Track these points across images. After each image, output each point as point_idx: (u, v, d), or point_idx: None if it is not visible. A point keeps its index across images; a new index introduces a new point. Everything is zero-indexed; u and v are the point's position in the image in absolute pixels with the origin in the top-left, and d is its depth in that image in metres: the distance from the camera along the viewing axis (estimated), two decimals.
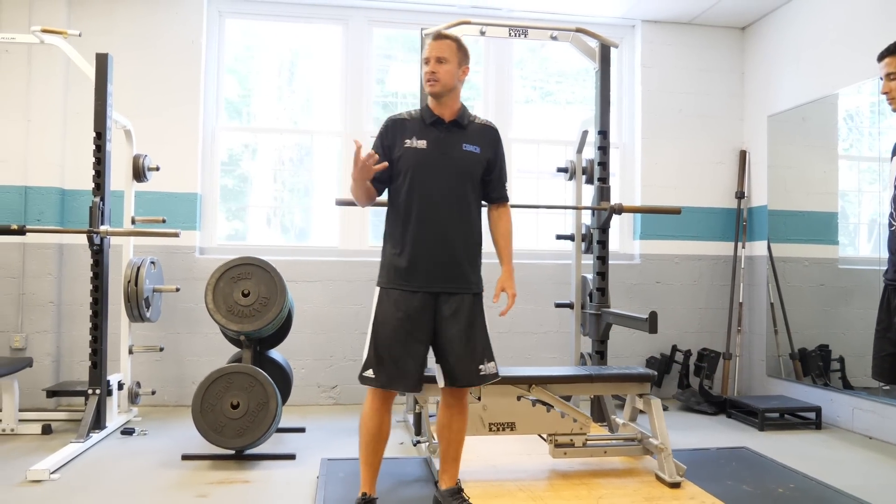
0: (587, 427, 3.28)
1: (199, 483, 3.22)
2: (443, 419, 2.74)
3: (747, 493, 3.05)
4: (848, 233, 4.95)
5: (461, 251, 2.65)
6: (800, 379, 4.92)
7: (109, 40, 4.70)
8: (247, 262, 3.77)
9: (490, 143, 2.75)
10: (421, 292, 2.59)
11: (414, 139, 2.63)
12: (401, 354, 2.55)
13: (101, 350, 3.89)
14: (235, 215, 5.30)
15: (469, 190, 2.68)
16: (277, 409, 3.52)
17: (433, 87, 2.62)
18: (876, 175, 4.66)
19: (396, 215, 2.66)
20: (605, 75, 4.25)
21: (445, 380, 2.66)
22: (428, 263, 2.59)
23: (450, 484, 2.74)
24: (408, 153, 2.62)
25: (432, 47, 2.63)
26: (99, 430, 3.87)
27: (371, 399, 2.63)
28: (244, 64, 5.36)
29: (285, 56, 5.46)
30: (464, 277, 2.65)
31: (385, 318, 2.59)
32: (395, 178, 2.67)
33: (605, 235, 4.25)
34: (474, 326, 2.66)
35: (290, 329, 4.15)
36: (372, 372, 2.57)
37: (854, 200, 4.91)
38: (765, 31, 5.32)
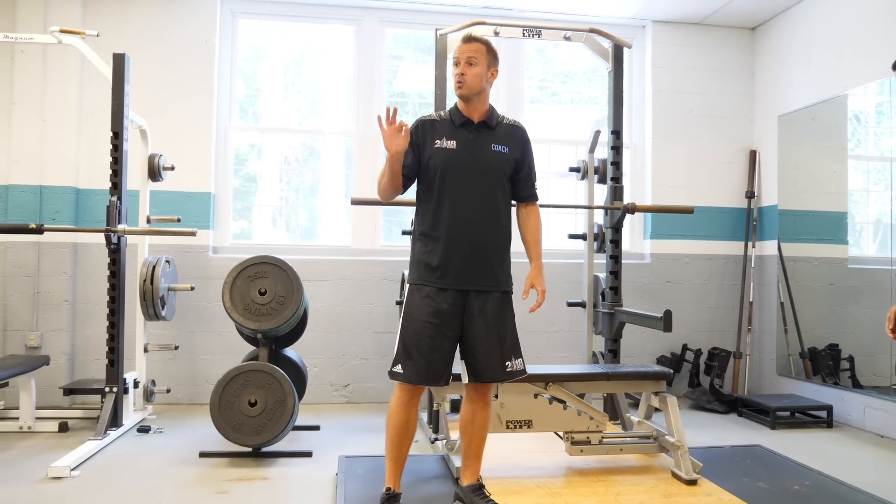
0: (603, 425, 3.31)
1: (219, 480, 3.25)
2: (466, 415, 2.77)
3: (763, 490, 3.07)
4: (856, 232, 4.96)
5: (491, 250, 2.69)
6: (810, 378, 4.94)
7: (123, 40, 4.73)
8: (263, 261, 3.79)
9: (518, 142, 2.78)
10: (451, 290, 2.62)
11: (444, 140, 2.66)
12: (429, 350, 2.58)
13: (118, 348, 3.92)
14: (241, 214, 5.33)
15: (498, 190, 2.71)
16: (295, 406, 3.54)
17: (461, 90, 2.66)
18: (880, 175, 4.68)
19: (427, 214, 2.69)
20: (619, 75, 4.27)
21: (470, 375, 2.69)
22: (458, 261, 2.63)
23: (471, 480, 2.77)
24: (438, 153, 2.66)
25: (463, 49, 2.66)
26: (116, 427, 3.90)
27: (399, 394, 2.67)
28: (250, 64, 5.38)
29: (292, 56, 5.48)
30: (493, 276, 2.69)
31: (415, 314, 2.63)
32: (424, 178, 2.70)
33: (618, 235, 4.26)
34: (503, 323, 2.70)
35: (305, 328, 4.17)
36: (401, 367, 2.61)
37: (860, 200, 4.92)
38: (775, 32, 5.34)
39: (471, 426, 2.76)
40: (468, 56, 2.64)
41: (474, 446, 2.78)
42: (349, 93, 5.35)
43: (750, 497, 2.95)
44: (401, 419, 2.65)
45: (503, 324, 2.71)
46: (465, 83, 2.64)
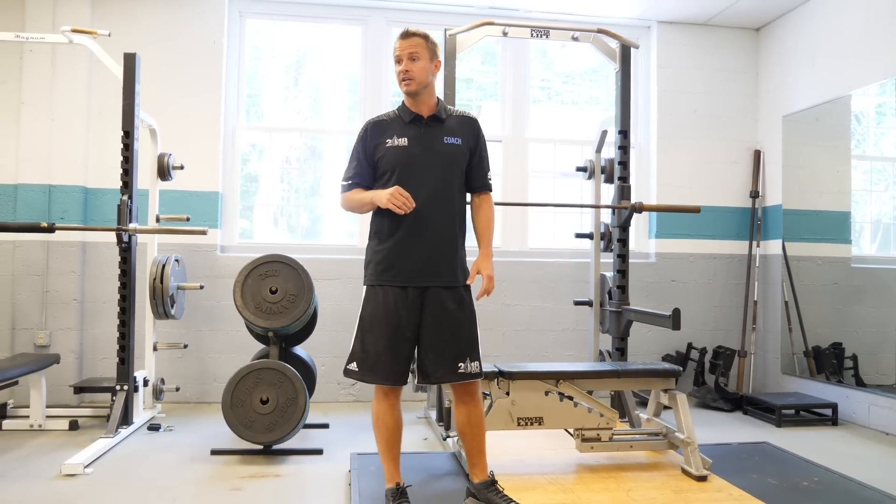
0: (613, 422, 3.33)
1: (232, 477, 3.27)
2: (461, 417, 2.75)
3: (773, 486, 3.10)
4: (859, 232, 4.99)
5: (447, 245, 2.68)
6: (814, 376, 4.97)
7: (132, 40, 4.75)
8: (274, 260, 3.81)
9: (471, 133, 2.77)
10: (409, 287, 2.63)
11: (395, 138, 2.66)
12: (385, 348, 2.59)
13: (128, 346, 3.94)
14: (243, 214, 5.34)
15: (454, 183, 2.70)
16: (306, 404, 3.57)
17: (409, 87, 2.65)
18: (881, 175, 4.72)
19: (382, 213, 2.67)
20: (626, 76, 4.30)
21: (420, 375, 2.69)
22: (415, 259, 2.63)
23: (482, 477, 2.77)
24: (390, 152, 2.66)
25: (402, 46, 2.65)
26: (126, 426, 3.92)
27: (381, 397, 2.69)
28: (252, 63, 5.39)
29: (295, 57, 5.50)
30: (451, 272, 2.68)
31: (372, 313, 2.63)
32: (380, 177, 2.69)
33: (625, 234, 4.29)
34: (458, 321, 2.66)
35: (315, 327, 4.20)
36: (355, 365, 2.63)
37: (863, 200, 4.95)
38: (779, 33, 5.38)
39: (468, 426, 2.75)
40: (409, 52, 2.63)
41: (476, 444, 2.77)
42: (352, 92, 5.38)
43: (760, 493, 2.97)
44: (389, 420, 2.69)
45: (459, 322, 2.66)
46: (412, 79, 2.63)
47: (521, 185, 5.36)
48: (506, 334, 5.18)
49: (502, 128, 5.42)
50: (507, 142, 5.38)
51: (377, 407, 2.71)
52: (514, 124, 5.41)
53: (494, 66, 5.61)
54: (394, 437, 2.71)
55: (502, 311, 5.18)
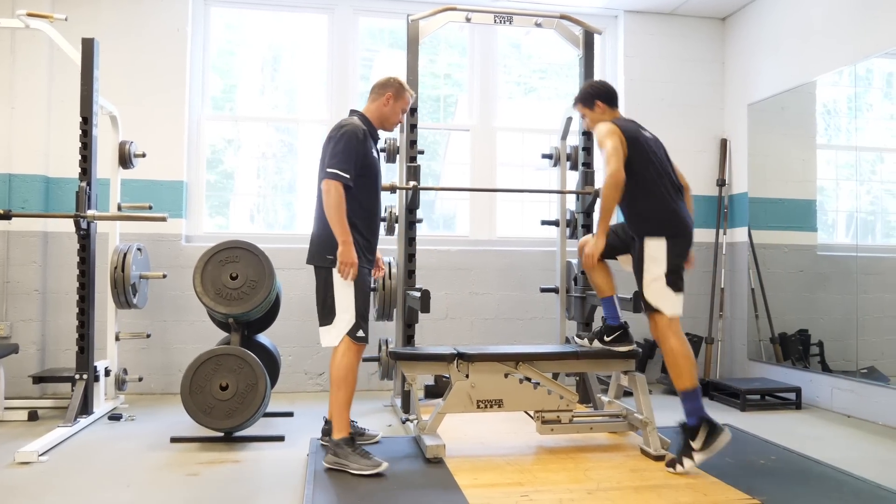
0: (573, 404, 3.34)
1: (190, 463, 3.24)
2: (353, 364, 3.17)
3: (730, 464, 3.12)
4: (825, 220, 5.03)
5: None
6: (780, 362, 5.02)
7: (94, 28, 4.69)
8: (235, 246, 3.78)
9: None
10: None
11: (375, 146, 3.25)
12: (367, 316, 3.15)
13: (87, 335, 3.89)
14: (218, 211, 5.30)
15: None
16: (266, 390, 3.54)
17: (391, 129, 3.39)
18: (846, 163, 4.76)
19: (364, 206, 3.15)
20: (589, 62, 4.31)
21: None
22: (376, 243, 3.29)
23: None
24: (375, 159, 3.22)
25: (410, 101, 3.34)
26: (86, 415, 3.87)
27: (358, 354, 3.10)
28: (223, 58, 5.35)
29: (268, 49, 5.45)
30: None
31: (365, 288, 3.14)
32: (367, 175, 3.14)
33: (589, 220, 4.30)
34: None
35: (278, 314, 4.17)
36: (362, 332, 3.09)
37: (828, 188, 5.00)
38: (745, 21, 5.42)
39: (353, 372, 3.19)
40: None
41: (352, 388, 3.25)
42: (326, 84, 5.35)
43: (716, 471, 2.99)
44: (355, 376, 3.12)
45: None
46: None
47: (489, 175, 5.36)
48: (474, 323, 5.18)
49: (470, 117, 5.41)
50: (476, 131, 5.37)
51: (351, 363, 3.08)
52: (481, 113, 5.40)
53: (466, 59, 5.60)
54: (354, 390, 3.13)
55: (470, 300, 5.18)
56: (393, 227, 4.20)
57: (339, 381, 3.04)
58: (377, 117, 3.25)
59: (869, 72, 4.53)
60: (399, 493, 2.72)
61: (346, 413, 3.05)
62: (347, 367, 3.05)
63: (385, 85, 3.24)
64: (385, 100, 3.22)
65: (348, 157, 3.00)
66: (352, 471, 2.91)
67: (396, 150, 4.27)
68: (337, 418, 3.04)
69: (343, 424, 3.03)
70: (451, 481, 2.81)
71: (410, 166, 4.05)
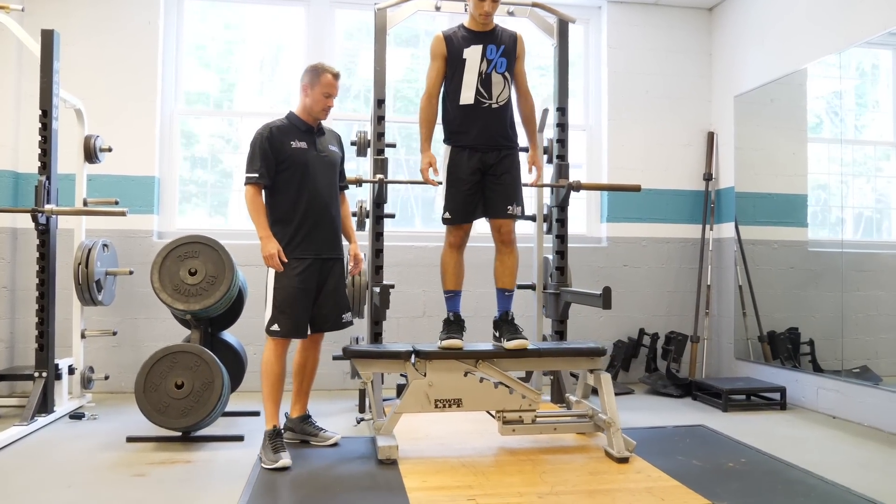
0: (536, 403, 3.22)
1: (140, 463, 3.15)
2: (301, 361, 3.41)
3: (696, 467, 2.99)
4: (816, 215, 4.87)
5: (336, 224, 3.34)
6: (769, 362, 4.86)
7: (65, 22, 4.61)
8: (194, 241, 3.69)
9: (341, 145, 3.49)
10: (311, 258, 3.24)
11: (297, 141, 3.22)
12: (298, 310, 3.17)
13: (47, 332, 3.82)
14: (217, 210, 5.22)
15: (335, 179, 3.37)
16: (223, 388, 3.44)
17: (325, 117, 3.32)
18: (836, 156, 4.59)
19: (287, 200, 3.20)
20: (564, 51, 4.19)
21: (313, 327, 3.28)
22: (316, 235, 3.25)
23: (301, 412, 3.45)
24: (295, 152, 3.20)
25: (337, 86, 3.27)
26: (46, 413, 3.79)
27: (274, 348, 3.21)
28: (223, 57, 5.26)
29: (262, 45, 5.33)
30: (339, 245, 3.37)
31: (286, 282, 3.17)
32: (284, 171, 3.18)
33: (563, 214, 4.18)
34: (343, 283, 3.39)
35: (243, 309, 4.07)
36: (277, 326, 3.16)
37: (819, 182, 4.83)
38: (731, 11, 5.27)
39: (304, 369, 3.42)
40: (337, 92, 3.29)
41: (306, 385, 3.45)
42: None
43: (680, 474, 2.87)
44: (280, 368, 3.21)
45: (343, 283, 3.38)
46: (329, 114, 3.32)
47: None
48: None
49: None
50: None
51: (271, 356, 3.22)
52: None
53: None
54: (281, 382, 3.24)
55: None
56: (364, 221, 4.10)
57: (262, 375, 3.23)
58: (302, 109, 3.29)
59: (859, 60, 4.37)
60: (342, 495, 2.62)
61: (269, 405, 3.17)
62: (266, 361, 3.20)
63: (302, 76, 3.28)
64: (303, 90, 3.27)
65: (254, 159, 3.15)
66: (262, 464, 3.01)
67: (367, 143, 4.17)
68: (265, 411, 3.20)
69: (268, 416, 3.17)
70: (399, 483, 2.71)
71: (377, 159, 3.94)
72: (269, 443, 3.07)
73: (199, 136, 5.26)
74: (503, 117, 3.37)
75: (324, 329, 3.35)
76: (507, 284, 3.51)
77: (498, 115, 3.34)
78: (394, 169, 5.28)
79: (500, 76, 3.34)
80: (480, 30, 3.36)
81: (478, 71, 3.29)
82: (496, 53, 3.33)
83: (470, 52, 3.30)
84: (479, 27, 3.36)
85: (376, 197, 3.97)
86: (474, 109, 3.30)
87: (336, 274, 3.33)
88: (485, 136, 3.33)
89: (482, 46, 3.31)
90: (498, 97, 3.33)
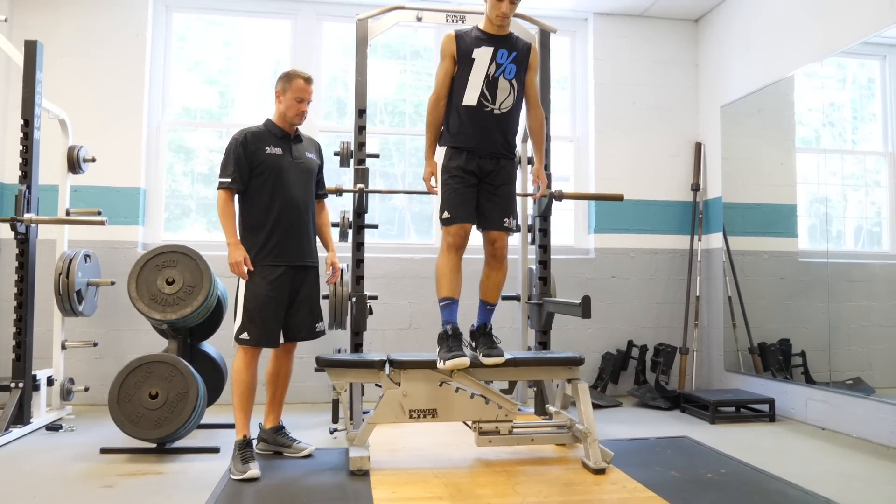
0: (513, 414, 3.17)
1: (111, 475, 3.10)
2: (274, 370, 3.37)
3: (674, 478, 2.94)
4: (806, 225, 4.82)
5: (310, 232, 3.34)
6: (759, 373, 4.80)
7: (53, 34, 4.66)
8: (172, 250, 3.67)
9: (320, 153, 3.49)
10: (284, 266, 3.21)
11: (272, 147, 3.22)
12: (269, 318, 3.14)
13: (25, 342, 3.79)
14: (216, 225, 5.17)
15: (311, 185, 3.36)
16: (198, 398, 3.40)
17: (301, 122, 3.31)
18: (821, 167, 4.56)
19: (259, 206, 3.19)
20: (545, 61, 4.18)
21: (286, 335, 3.26)
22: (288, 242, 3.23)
23: (274, 423, 3.39)
24: (270, 158, 3.20)
25: (309, 91, 3.27)
26: (22, 424, 3.76)
27: (244, 357, 3.15)
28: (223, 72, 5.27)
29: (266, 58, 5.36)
30: (314, 253, 3.34)
31: (257, 290, 3.13)
32: (258, 176, 3.18)
33: (546, 223, 4.15)
34: (318, 292, 3.38)
35: (222, 320, 4.04)
36: (247, 334, 3.12)
37: (808, 192, 4.79)
38: (716, 22, 5.27)
39: (277, 378, 3.38)
40: (311, 97, 3.29)
41: (279, 395, 3.40)
42: None
43: (657, 485, 2.81)
44: (249, 376, 3.15)
45: (317, 292, 3.37)
46: (304, 119, 3.31)
47: None
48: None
49: None
50: None
51: (239, 365, 3.16)
52: None
53: (432, 63, 5.48)
54: (251, 392, 3.18)
55: (435, 310, 4.96)
56: (346, 232, 4.08)
57: (232, 384, 3.19)
58: (278, 116, 3.31)
59: (843, 69, 4.35)
60: None
61: (239, 415, 3.13)
62: (236, 370, 3.16)
63: (276, 83, 3.31)
64: (277, 97, 3.29)
65: (227, 164, 3.17)
66: (231, 475, 2.98)
67: (350, 153, 4.16)
68: (235, 421, 3.15)
69: (238, 426, 3.13)
70: (368, 494, 2.66)
71: (358, 169, 3.93)
72: (239, 453, 3.03)
73: (196, 152, 5.26)
74: (505, 124, 3.24)
75: (297, 338, 3.32)
76: (492, 298, 3.39)
77: (500, 122, 3.22)
78: (390, 181, 5.28)
79: (507, 82, 3.21)
80: (495, 33, 3.25)
81: (485, 73, 3.17)
82: (507, 58, 3.22)
83: (480, 52, 3.19)
84: (495, 30, 3.25)
85: (357, 207, 3.95)
86: (477, 112, 3.18)
87: (310, 282, 3.31)
88: (485, 141, 3.21)
89: (493, 49, 3.20)
90: (502, 103, 3.20)
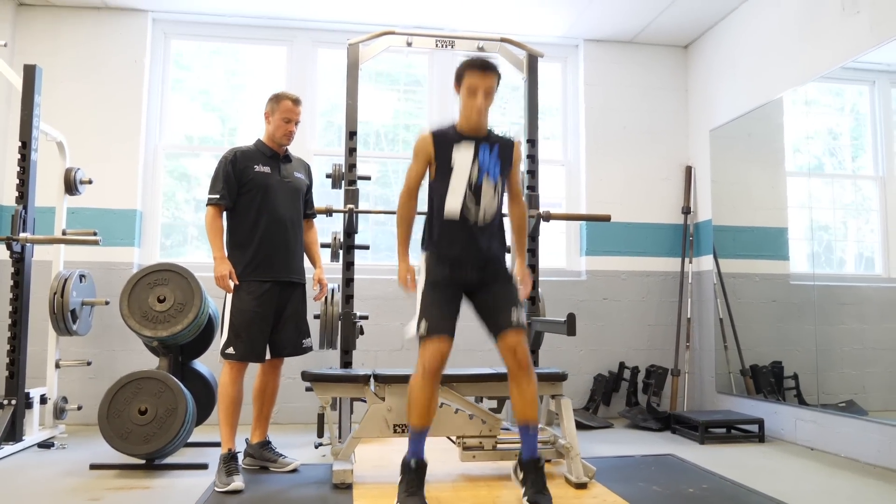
0: (497, 429, 3.19)
1: (98, 489, 3.13)
2: (261, 386, 3.43)
3: (655, 493, 2.95)
4: (797, 248, 4.85)
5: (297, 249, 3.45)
6: (752, 395, 4.80)
7: (53, 60, 4.79)
8: (163, 269, 3.74)
9: (308, 173, 3.61)
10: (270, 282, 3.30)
11: (260, 165, 3.33)
12: (255, 333, 3.20)
13: (18, 360, 3.84)
14: (192, 245, 5.29)
15: (300, 205, 3.47)
16: (187, 414, 3.44)
17: (289, 142, 3.43)
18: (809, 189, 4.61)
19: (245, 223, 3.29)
20: (533, 85, 4.28)
21: (273, 351, 3.31)
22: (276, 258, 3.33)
23: (261, 438, 3.45)
24: (258, 176, 3.31)
25: (298, 112, 3.40)
26: (14, 442, 3.79)
27: (230, 371, 3.21)
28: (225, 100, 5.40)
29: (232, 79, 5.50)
30: (301, 269, 3.44)
31: (243, 305, 3.20)
32: (246, 194, 3.28)
33: (534, 244, 4.20)
34: (304, 309, 3.46)
35: (213, 338, 4.09)
36: (232, 349, 3.17)
37: (799, 215, 4.83)
38: (705, 47, 5.38)
39: (263, 394, 3.44)
40: (299, 118, 3.42)
41: (266, 410, 3.45)
42: None
43: (638, 499, 2.82)
44: (235, 391, 3.21)
45: (304, 308, 3.44)
46: (292, 139, 3.43)
47: None
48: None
49: None
50: None
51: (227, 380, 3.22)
52: None
53: (425, 87, 5.59)
54: (237, 406, 3.25)
55: None
56: (338, 252, 4.13)
57: (218, 398, 3.28)
58: (267, 136, 3.43)
59: (833, 94, 4.42)
60: None
61: (224, 429, 3.19)
62: (221, 384, 3.22)
63: (265, 105, 3.43)
64: (266, 118, 3.42)
65: (217, 181, 3.27)
66: (215, 487, 3.02)
67: (341, 175, 4.23)
68: (221, 434, 3.22)
69: (223, 439, 3.18)
70: None
71: (348, 190, 4.00)
72: (223, 466, 3.07)
73: (199, 179, 5.35)
74: (491, 235, 2.89)
75: (283, 354, 3.37)
76: (531, 417, 2.75)
77: (485, 233, 2.86)
78: (384, 204, 5.35)
79: (490, 186, 2.84)
80: (474, 134, 2.89)
81: (468, 178, 2.81)
82: (489, 155, 2.86)
83: (460, 154, 2.83)
84: (473, 129, 2.88)
85: (347, 227, 4.02)
86: (461, 227, 2.82)
87: (296, 299, 3.38)
88: (471, 254, 2.85)
89: (474, 144, 2.86)
90: (486, 212, 2.84)
